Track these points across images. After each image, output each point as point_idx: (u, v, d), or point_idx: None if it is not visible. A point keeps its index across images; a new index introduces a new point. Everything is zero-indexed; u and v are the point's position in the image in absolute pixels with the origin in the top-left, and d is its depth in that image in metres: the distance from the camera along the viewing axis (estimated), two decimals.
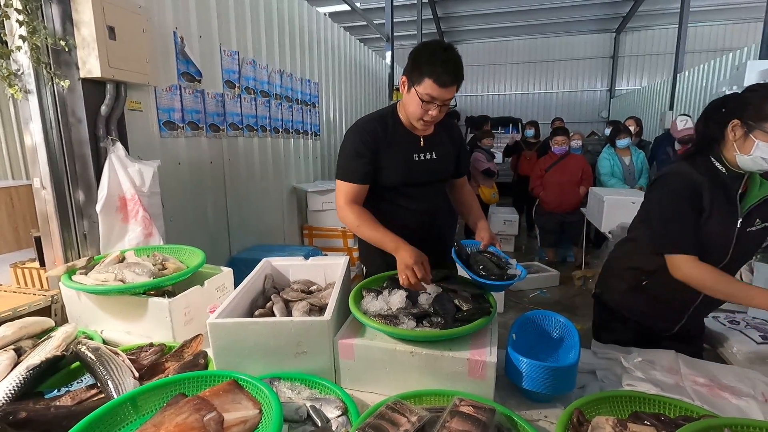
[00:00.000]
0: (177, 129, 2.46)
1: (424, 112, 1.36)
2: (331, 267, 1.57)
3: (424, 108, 1.35)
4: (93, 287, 1.42)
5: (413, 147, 1.50)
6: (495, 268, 1.29)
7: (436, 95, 1.31)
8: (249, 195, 3.19)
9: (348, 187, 1.43)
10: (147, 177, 1.93)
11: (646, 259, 1.43)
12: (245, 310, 1.32)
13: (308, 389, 1.08)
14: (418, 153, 1.50)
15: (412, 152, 1.49)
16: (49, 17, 1.72)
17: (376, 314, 1.16)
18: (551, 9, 9.12)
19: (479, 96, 11.44)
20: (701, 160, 1.30)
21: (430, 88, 1.30)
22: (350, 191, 1.43)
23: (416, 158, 1.50)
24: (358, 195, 1.44)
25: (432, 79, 1.28)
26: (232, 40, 2.91)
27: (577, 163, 4.56)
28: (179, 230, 2.43)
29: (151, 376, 1.13)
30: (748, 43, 7.55)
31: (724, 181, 1.27)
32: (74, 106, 1.81)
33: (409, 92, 1.38)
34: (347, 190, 1.44)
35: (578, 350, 1.13)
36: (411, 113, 1.41)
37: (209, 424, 0.82)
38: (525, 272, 1.29)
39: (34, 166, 1.82)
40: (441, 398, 1.01)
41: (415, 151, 1.50)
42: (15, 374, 1.07)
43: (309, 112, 4.09)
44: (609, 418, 0.88)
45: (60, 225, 1.85)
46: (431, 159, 1.52)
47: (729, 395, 1.10)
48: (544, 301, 4.05)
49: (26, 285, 2.08)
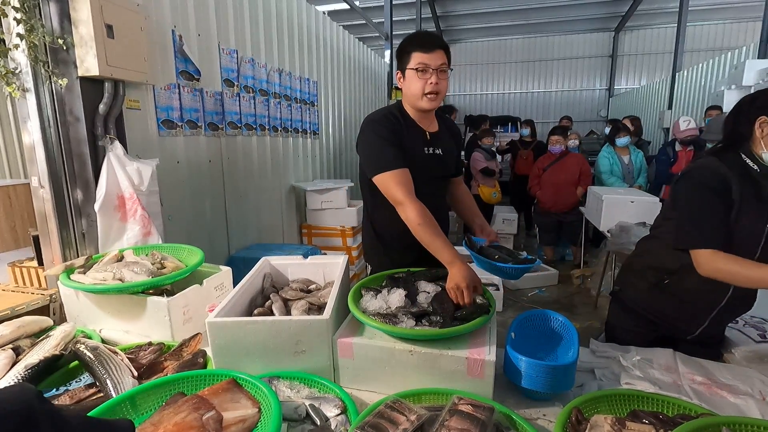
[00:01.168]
0: (176, 128, 2.45)
1: (424, 83, 1.40)
2: (330, 266, 1.57)
3: (423, 79, 1.40)
4: (91, 286, 1.42)
5: (422, 141, 1.52)
6: (508, 257, 1.40)
7: (426, 61, 1.39)
8: (248, 194, 3.18)
9: (397, 175, 1.35)
10: (145, 176, 1.92)
11: (668, 258, 1.39)
12: (244, 309, 1.32)
13: (307, 388, 1.08)
14: (427, 147, 1.52)
15: (422, 146, 1.51)
16: (47, 15, 1.71)
17: (375, 313, 1.16)
18: (550, 8, 9.11)
19: (478, 95, 11.42)
20: (731, 155, 1.27)
21: (419, 57, 1.39)
22: (402, 179, 1.35)
23: (427, 152, 1.51)
24: (410, 181, 1.37)
25: (417, 50, 1.39)
26: (230, 38, 2.90)
27: (575, 162, 4.56)
28: (178, 229, 2.42)
29: (149, 376, 1.13)
30: (747, 42, 7.57)
31: (755, 178, 1.24)
32: (72, 105, 1.81)
33: (405, 78, 1.45)
34: (398, 179, 1.35)
35: (577, 349, 1.13)
36: (414, 93, 1.43)
37: (208, 423, 0.82)
38: (539, 260, 1.30)
39: (32, 165, 1.82)
40: (440, 397, 1.01)
41: (425, 145, 1.52)
42: (13, 373, 1.07)
43: (308, 111, 4.09)
44: (607, 417, 0.88)
45: (58, 224, 1.85)
46: (438, 154, 1.55)
47: (727, 394, 1.10)
48: (543, 300, 4.06)
49: (24, 284, 2.08)
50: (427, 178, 1.51)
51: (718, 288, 1.31)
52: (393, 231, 1.54)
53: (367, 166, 1.45)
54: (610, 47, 10.36)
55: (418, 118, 1.52)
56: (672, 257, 1.37)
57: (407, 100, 1.51)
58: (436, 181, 1.58)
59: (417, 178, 1.44)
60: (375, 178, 1.40)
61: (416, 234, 1.31)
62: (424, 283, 1.32)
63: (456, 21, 10.03)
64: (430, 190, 1.52)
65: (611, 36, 10.24)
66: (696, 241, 1.23)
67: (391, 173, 1.35)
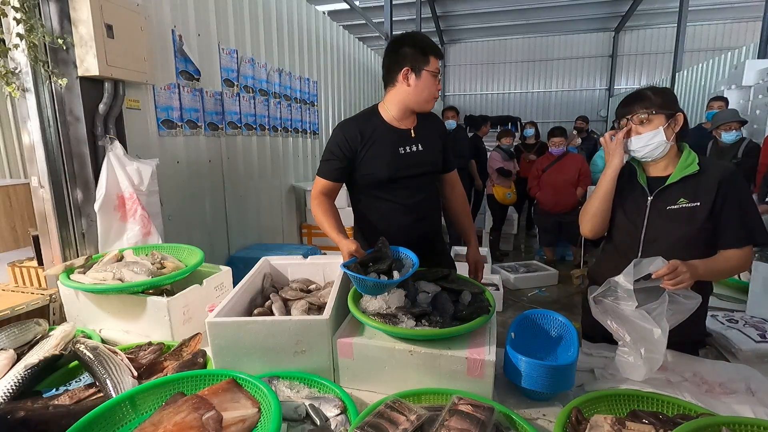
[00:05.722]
0: (175, 127, 2.45)
1: (436, 86, 1.50)
2: (330, 266, 1.57)
3: (436, 82, 1.50)
4: (91, 286, 1.42)
5: (399, 141, 1.53)
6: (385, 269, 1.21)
7: (438, 66, 1.50)
8: (248, 194, 3.18)
9: (324, 182, 1.55)
10: (145, 176, 1.92)
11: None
12: (244, 309, 1.32)
13: (307, 388, 1.08)
14: (404, 146, 1.53)
15: (397, 146, 1.52)
16: (46, 15, 1.71)
17: (375, 313, 1.16)
18: (550, 8, 9.11)
19: (478, 95, 11.41)
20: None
21: (436, 62, 1.48)
22: (325, 187, 1.55)
23: (402, 151, 1.53)
24: (332, 191, 1.57)
25: (433, 54, 1.47)
26: (230, 38, 2.90)
27: (574, 163, 4.55)
28: (178, 229, 2.42)
29: (149, 375, 1.13)
30: (747, 42, 7.57)
31: None
32: (72, 105, 1.81)
33: (419, 78, 1.46)
34: (323, 184, 1.56)
35: (577, 349, 1.13)
36: (427, 97, 1.50)
37: (208, 423, 0.82)
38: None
39: (32, 165, 1.82)
40: (440, 397, 1.01)
41: (401, 145, 1.53)
42: (13, 373, 1.07)
43: (308, 111, 4.09)
44: (607, 417, 0.88)
45: (58, 224, 1.85)
46: (418, 151, 1.55)
47: (719, 391, 1.11)
48: (543, 300, 4.06)
49: (24, 284, 2.08)
50: (408, 175, 1.54)
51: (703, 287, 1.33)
52: (374, 227, 1.59)
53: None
54: (610, 47, 10.35)
55: (400, 118, 1.54)
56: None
57: (412, 100, 1.50)
58: (419, 178, 1.58)
59: (397, 176, 1.52)
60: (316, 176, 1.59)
61: (316, 220, 1.55)
62: (424, 283, 1.32)
63: (456, 21, 10.03)
64: (414, 184, 1.56)
65: (611, 36, 10.24)
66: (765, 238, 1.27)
67: (323, 181, 1.55)
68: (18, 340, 1.24)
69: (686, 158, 1.31)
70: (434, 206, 1.69)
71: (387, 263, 1.24)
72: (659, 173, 1.35)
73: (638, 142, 1.30)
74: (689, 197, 1.28)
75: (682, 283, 1.12)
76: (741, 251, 1.25)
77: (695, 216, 1.27)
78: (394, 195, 1.55)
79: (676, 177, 1.29)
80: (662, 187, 1.32)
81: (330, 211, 1.51)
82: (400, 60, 1.46)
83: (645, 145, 1.29)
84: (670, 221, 1.30)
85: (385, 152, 1.51)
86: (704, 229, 1.27)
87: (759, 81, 4.51)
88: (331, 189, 1.56)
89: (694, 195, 1.27)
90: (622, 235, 1.43)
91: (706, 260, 1.23)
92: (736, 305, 1.88)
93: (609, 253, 1.51)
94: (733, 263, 1.26)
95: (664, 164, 1.34)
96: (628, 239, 1.39)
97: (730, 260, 1.25)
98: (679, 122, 1.29)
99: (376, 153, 1.50)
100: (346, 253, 1.27)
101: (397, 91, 1.50)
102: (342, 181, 1.57)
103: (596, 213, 1.42)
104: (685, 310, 1.13)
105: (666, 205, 1.31)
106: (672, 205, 1.30)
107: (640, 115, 1.29)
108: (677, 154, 1.33)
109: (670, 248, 1.27)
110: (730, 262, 1.25)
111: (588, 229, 1.46)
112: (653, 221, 1.33)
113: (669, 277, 1.12)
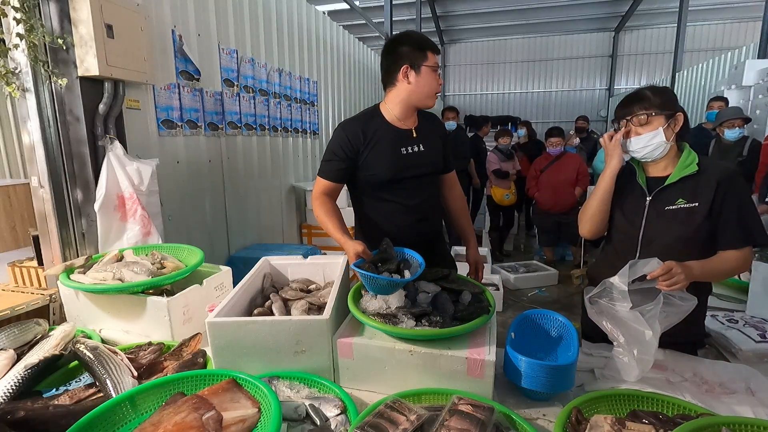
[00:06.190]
0: (175, 127, 2.45)
1: (437, 82, 1.50)
2: (330, 266, 1.57)
3: (436, 78, 1.50)
4: (91, 286, 1.42)
5: (401, 141, 1.53)
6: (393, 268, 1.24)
7: (438, 62, 1.51)
8: (248, 194, 3.18)
9: (324, 182, 1.55)
10: (145, 176, 1.92)
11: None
12: (244, 309, 1.32)
13: (307, 388, 1.08)
14: (406, 146, 1.53)
15: (399, 146, 1.52)
16: (46, 15, 1.71)
17: (375, 313, 1.16)
18: (550, 8, 9.10)
19: (478, 95, 11.40)
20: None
21: (434, 58, 1.48)
22: (326, 187, 1.55)
23: (404, 152, 1.52)
24: (330, 190, 1.56)
25: (430, 50, 1.47)
26: (230, 38, 2.90)
27: (572, 162, 4.55)
28: (178, 229, 2.42)
29: (149, 375, 1.13)
30: (747, 42, 7.57)
31: None
32: (72, 105, 1.81)
33: (419, 74, 1.46)
34: (324, 184, 1.55)
35: (577, 349, 1.13)
36: (429, 91, 1.49)
37: (208, 423, 0.82)
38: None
39: (32, 165, 1.82)
40: (440, 397, 1.01)
41: (403, 145, 1.53)
42: (13, 373, 1.07)
43: (308, 111, 4.08)
44: (607, 417, 0.88)
45: (58, 224, 1.85)
46: (420, 152, 1.55)
47: (719, 391, 1.11)
48: (543, 300, 4.06)
49: (24, 284, 2.08)
50: (410, 176, 1.54)
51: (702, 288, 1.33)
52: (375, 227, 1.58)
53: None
54: (610, 47, 10.35)
55: (402, 117, 1.54)
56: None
57: (415, 96, 1.50)
58: (421, 178, 1.58)
59: (398, 177, 1.52)
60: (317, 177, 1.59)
61: (318, 221, 1.54)
62: (424, 283, 1.32)
63: (456, 21, 10.03)
64: (416, 185, 1.57)
65: (611, 36, 10.24)
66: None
67: (324, 181, 1.54)
68: (18, 340, 1.24)
69: (686, 158, 1.30)
70: (435, 207, 1.69)
71: (395, 263, 1.25)
72: (659, 173, 1.35)
73: (638, 143, 1.30)
74: (688, 198, 1.28)
75: (677, 284, 1.12)
76: (740, 252, 1.24)
77: (693, 216, 1.27)
78: (395, 195, 1.55)
79: (675, 177, 1.29)
80: (661, 188, 1.32)
81: (333, 212, 1.50)
82: (398, 59, 1.46)
83: (645, 145, 1.29)
84: (668, 222, 1.30)
85: (387, 152, 1.50)
86: (702, 229, 1.26)
87: (759, 81, 4.51)
88: (333, 189, 1.56)
89: (692, 195, 1.27)
90: (620, 236, 1.43)
91: (703, 261, 1.23)
92: (736, 305, 1.88)
93: (608, 253, 1.51)
94: (732, 264, 1.25)
95: (664, 164, 1.34)
96: (627, 240, 1.39)
97: (728, 261, 1.25)
98: (679, 122, 1.29)
99: (378, 153, 1.50)
100: (353, 254, 1.26)
101: (398, 90, 1.50)
102: (344, 181, 1.57)
103: (595, 213, 1.42)
104: (680, 311, 1.13)
105: (664, 206, 1.30)
106: (670, 206, 1.29)
107: (639, 116, 1.29)
108: (677, 154, 1.33)
109: (668, 249, 1.27)
110: (729, 263, 1.25)
111: (587, 229, 1.46)
112: (651, 221, 1.33)
113: (664, 278, 1.12)
